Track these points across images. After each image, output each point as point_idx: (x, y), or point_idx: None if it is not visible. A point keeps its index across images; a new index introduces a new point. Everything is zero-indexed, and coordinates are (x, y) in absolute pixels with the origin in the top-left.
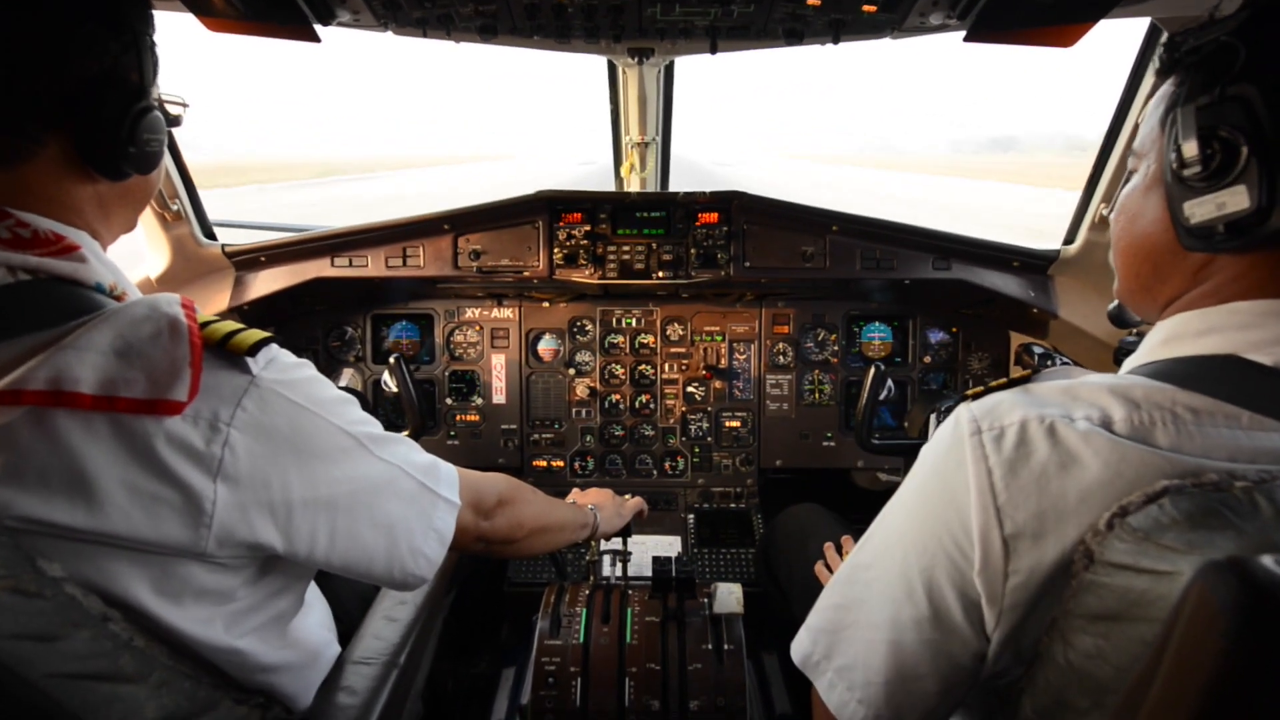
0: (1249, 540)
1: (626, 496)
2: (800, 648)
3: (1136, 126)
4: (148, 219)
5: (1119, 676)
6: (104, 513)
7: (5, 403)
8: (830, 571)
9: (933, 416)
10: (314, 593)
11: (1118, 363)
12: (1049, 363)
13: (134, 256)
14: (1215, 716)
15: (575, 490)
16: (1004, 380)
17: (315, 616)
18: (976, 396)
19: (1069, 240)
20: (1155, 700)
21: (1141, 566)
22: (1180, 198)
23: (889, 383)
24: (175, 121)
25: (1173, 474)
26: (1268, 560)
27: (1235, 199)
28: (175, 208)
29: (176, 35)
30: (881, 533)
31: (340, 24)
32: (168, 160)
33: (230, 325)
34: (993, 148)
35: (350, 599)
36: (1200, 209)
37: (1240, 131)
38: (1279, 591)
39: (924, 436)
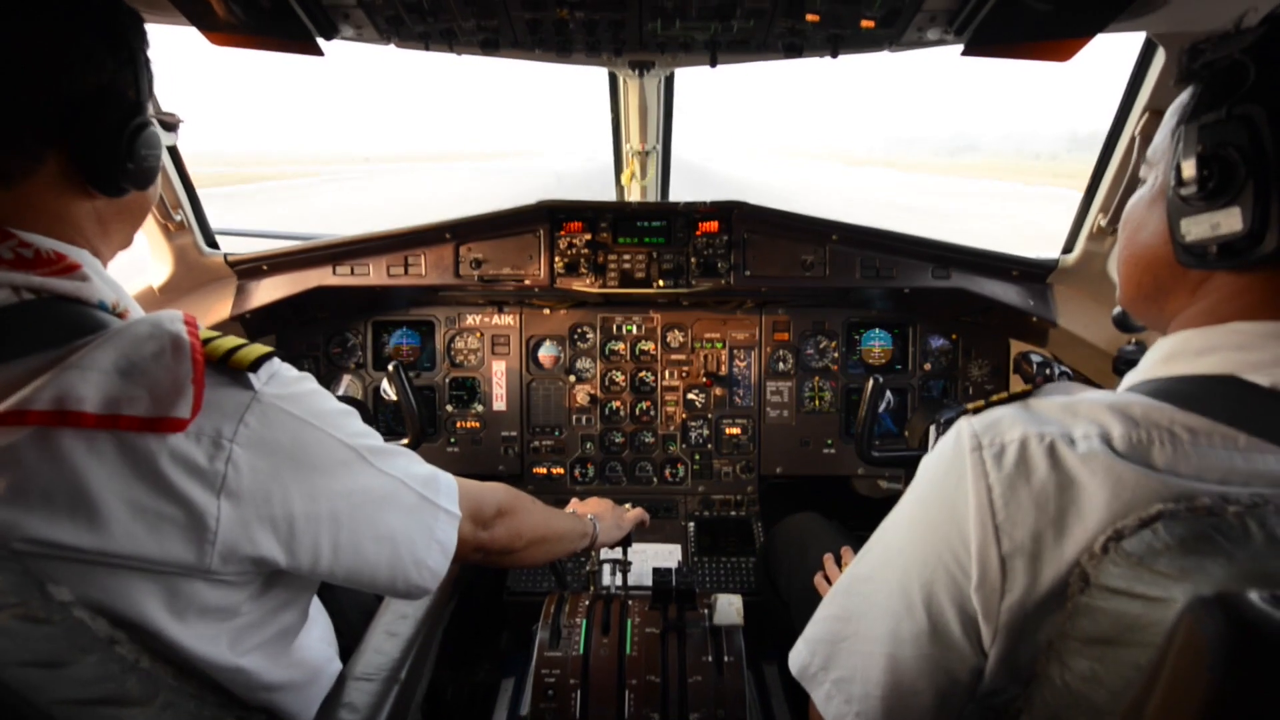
0: (1240, 567)
1: (626, 506)
2: (798, 658)
3: (1133, 138)
4: (151, 229)
5: (1113, 700)
6: (108, 532)
7: (10, 423)
8: (829, 583)
9: (933, 428)
10: (316, 607)
11: (1117, 371)
12: (1048, 371)
13: (134, 267)
14: None
15: (575, 500)
16: (1004, 395)
17: (317, 632)
18: (977, 411)
19: (1067, 249)
20: None
21: (1135, 592)
22: (1177, 214)
23: (888, 394)
24: (171, 133)
25: (1168, 497)
26: (1254, 596)
27: (1229, 220)
28: (179, 218)
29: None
30: (881, 545)
31: (343, 38)
32: (171, 170)
33: (232, 341)
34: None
35: (352, 612)
36: (1195, 227)
37: (1240, 152)
38: (1265, 628)
39: (924, 447)
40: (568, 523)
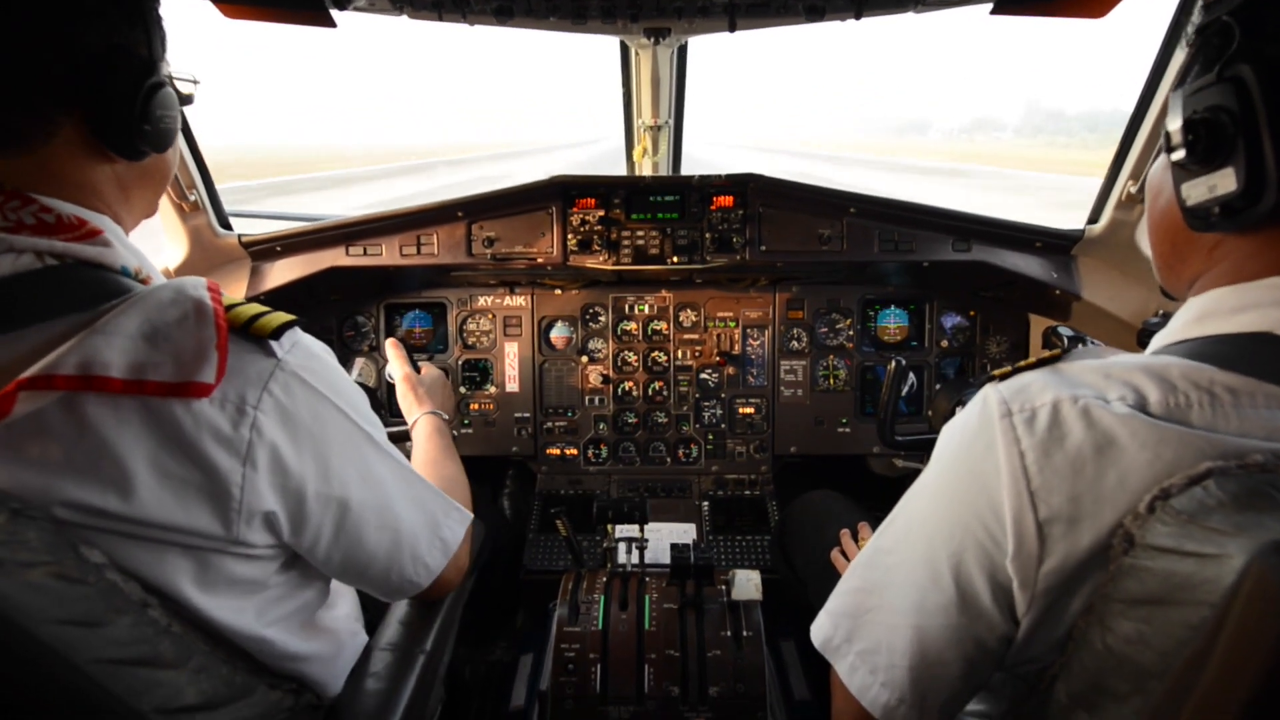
0: None
1: (434, 371)
2: (821, 631)
3: (1167, 101)
4: (166, 210)
5: (1162, 661)
6: (138, 497)
7: (38, 388)
8: (846, 559)
9: (958, 408)
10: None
11: (1142, 345)
12: (1080, 345)
13: (149, 248)
14: (1273, 699)
15: (420, 420)
16: (1032, 360)
17: (344, 608)
18: (1004, 377)
19: (1093, 219)
20: (1209, 684)
21: (1186, 549)
22: (1179, 179)
23: (910, 376)
24: (187, 100)
25: (1214, 455)
26: None
27: (1225, 181)
28: (193, 198)
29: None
30: (905, 517)
31: (356, 9)
32: (185, 150)
33: (255, 308)
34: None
35: None
36: (1194, 190)
37: (1228, 114)
38: None
39: None
40: (451, 463)
